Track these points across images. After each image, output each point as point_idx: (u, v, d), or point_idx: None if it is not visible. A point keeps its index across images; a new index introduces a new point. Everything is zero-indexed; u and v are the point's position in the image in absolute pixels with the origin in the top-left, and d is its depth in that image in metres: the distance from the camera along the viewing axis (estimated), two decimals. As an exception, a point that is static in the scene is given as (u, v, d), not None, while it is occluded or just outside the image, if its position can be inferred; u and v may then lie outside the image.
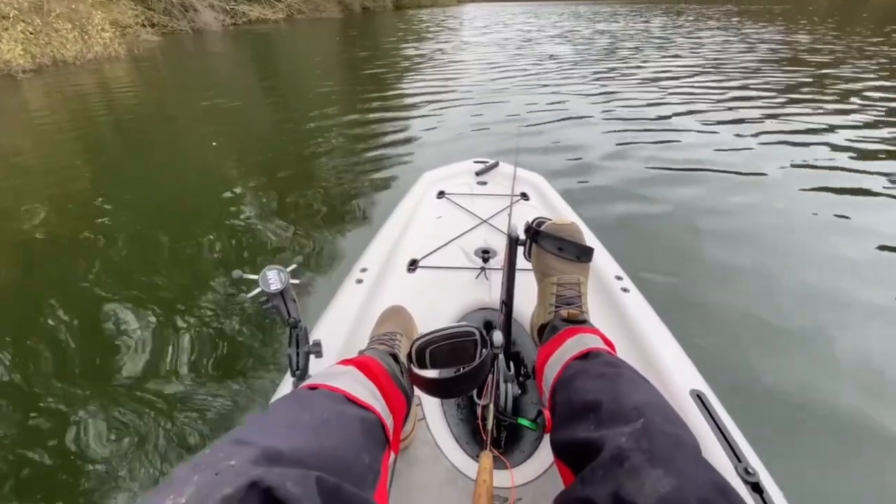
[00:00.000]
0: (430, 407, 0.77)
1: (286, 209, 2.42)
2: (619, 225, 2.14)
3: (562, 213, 1.32)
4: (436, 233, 1.25)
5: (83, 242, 2.14)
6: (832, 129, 3.49)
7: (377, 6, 32.46)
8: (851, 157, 2.92)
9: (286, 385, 0.78)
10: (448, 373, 0.57)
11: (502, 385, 0.74)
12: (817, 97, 4.50)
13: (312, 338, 0.76)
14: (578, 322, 0.70)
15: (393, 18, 22.91)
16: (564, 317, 0.71)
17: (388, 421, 0.54)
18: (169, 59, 9.70)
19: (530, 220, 0.81)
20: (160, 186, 2.87)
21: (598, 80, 5.69)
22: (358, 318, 0.92)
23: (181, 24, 15.04)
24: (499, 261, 1.12)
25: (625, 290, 0.96)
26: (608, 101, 4.54)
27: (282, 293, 0.71)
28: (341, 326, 0.89)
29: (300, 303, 0.75)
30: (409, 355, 0.59)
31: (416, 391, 0.63)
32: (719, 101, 4.48)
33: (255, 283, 0.70)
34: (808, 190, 2.48)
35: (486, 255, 1.14)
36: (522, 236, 0.80)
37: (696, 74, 5.97)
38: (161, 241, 2.12)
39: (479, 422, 0.74)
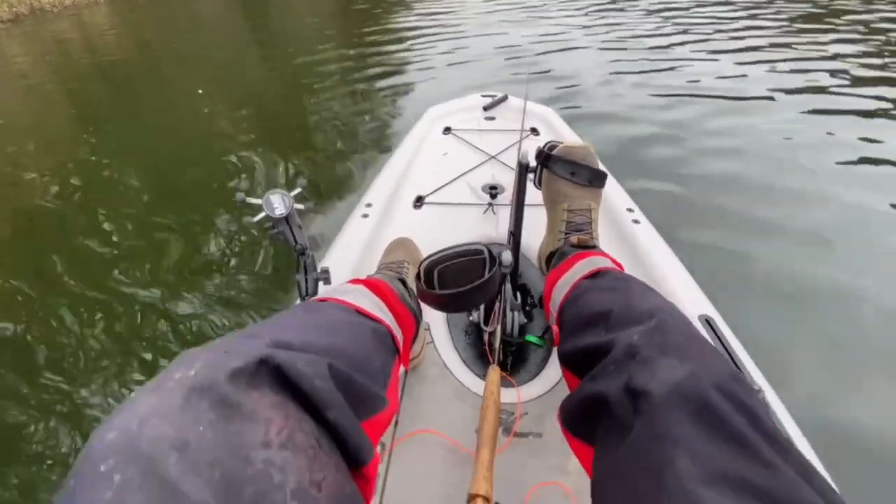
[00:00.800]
0: (438, 332, 0.78)
1: (286, 145, 2.38)
2: (631, 158, 2.08)
3: (573, 148, 1.28)
4: (442, 169, 1.21)
5: (77, 186, 2.13)
6: (836, 57, 3.31)
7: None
8: (853, 83, 2.80)
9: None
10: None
11: (509, 314, 0.74)
12: (825, 27, 4.20)
13: (319, 268, 0.76)
14: (588, 247, 0.68)
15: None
16: (574, 242, 0.69)
17: (398, 334, 0.55)
18: (151, 5, 9.14)
19: (542, 145, 0.77)
20: (151, 131, 2.80)
21: (602, 10, 5.33)
22: (364, 250, 0.92)
23: None
24: (506, 196, 1.10)
25: (636, 221, 0.95)
26: (616, 33, 4.26)
27: (287, 219, 0.69)
28: (348, 258, 0.89)
29: (306, 232, 0.74)
30: (417, 275, 0.59)
31: (425, 317, 0.63)
32: (725, 30, 4.21)
33: (259, 208, 0.69)
34: (811, 112, 2.43)
35: (493, 191, 1.11)
36: (533, 162, 0.77)
37: (701, 5, 5.59)
38: (159, 181, 2.11)
39: (486, 346, 0.76)
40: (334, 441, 0.30)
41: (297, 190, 0.71)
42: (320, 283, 0.76)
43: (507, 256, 0.58)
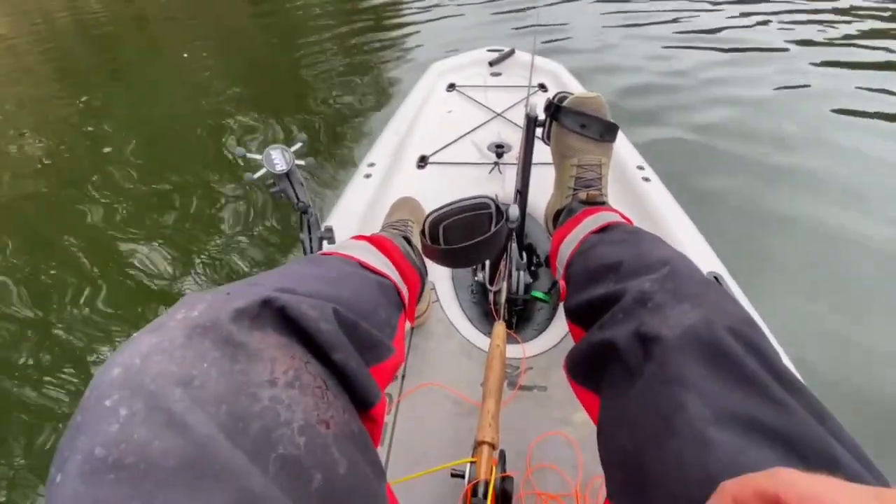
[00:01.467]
0: (443, 290, 0.78)
1: (283, 103, 2.31)
2: (642, 114, 2.01)
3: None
4: (446, 128, 1.18)
5: (66, 152, 2.08)
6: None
7: None
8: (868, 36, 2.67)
9: None
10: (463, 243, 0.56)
11: (514, 273, 0.73)
12: None
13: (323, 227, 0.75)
14: (597, 203, 0.67)
15: None
16: (583, 199, 0.68)
17: (404, 291, 0.54)
18: None
19: (551, 97, 0.74)
20: (142, 93, 2.72)
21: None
22: (368, 210, 0.91)
23: None
24: (513, 155, 1.07)
25: (646, 179, 0.92)
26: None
27: (288, 175, 0.68)
28: (351, 219, 0.88)
29: (308, 191, 0.73)
30: (422, 231, 0.58)
31: (430, 275, 0.62)
32: None
33: (259, 164, 0.67)
34: (823, 64, 2.34)
35: (499, 149, 1.08)
36: (542, 116, 0.74)
37: None
38: (152, 143, 2.06)
39: (492, 305, 0.75)
40: (341, 383, 0.30)
41: (298, 145, 0.69)
42: (324, 242, 0.76)
43: (514, 211, 0.57)
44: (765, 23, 2.97)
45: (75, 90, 2.82)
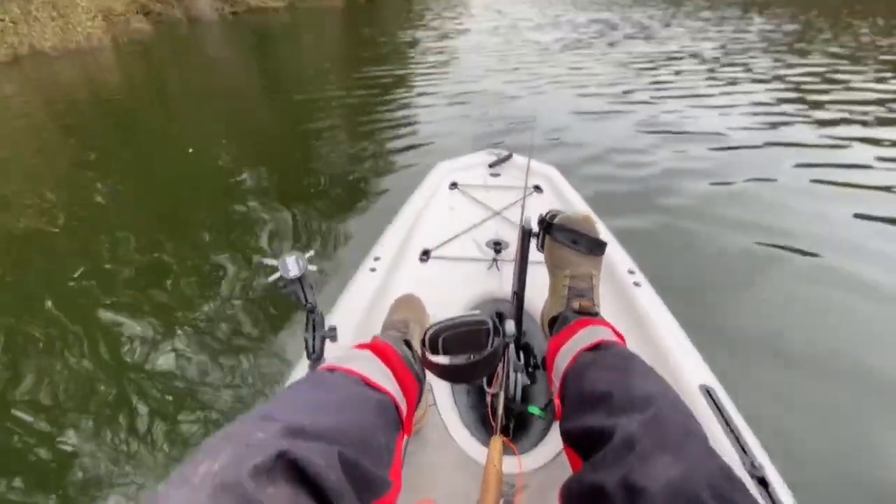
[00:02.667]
0: (440, 393, 0.78)
1: (297, 198, 2.42)
2: (632, 216, 2.13)
3: (575, 206, 1.32)
4: (448, 224, 1.26)
5: (71, 224, 2.14)
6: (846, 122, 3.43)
7: (381, -6, 32.00)
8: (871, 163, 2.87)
9: (302, 367, 0.81)
10: (461, 359, 0.59)
11: (512, 374, 0.75)
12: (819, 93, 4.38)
13: (327, 323, 0.78)
14: (590, 314, 0.70)
15: (399, 6, 22.49)
16: (576, 308, 0.72)
17: (402, 404, 0.56)
18: (158, 49, 9.44)
19: (544, 213, 0.81)
20: (152, 175, 2.81)
21: (612, 71, 5.61)
22: (371, 305, 0.94)
23: (175, 11, 14.91)
24: (510, 253, 1.13)
25: (636, 283, 0.97)
26: (619, 92, 4.47)
27: (300, 279, 0.73)
28: (355, 313, 0.91)
29: (316, 287, 0.77)
30: (423, 341, 0.61)
31: (428, 377, 0.64)
32: (727, 90, 4.40)
33: (274, 269, 0.72)
34: (821, 182, 2.46)
35: (497, 246, 1.15)
36: (536, 228, 0.81)
37: (702, 63, 5.91)
38: (166, 234, 2.08)
39: (489, 409, 0.76)
40: None
41: (311, 252, 0.74)
42: (327, 341, 0.79)
43: (509, 327, 0.60)
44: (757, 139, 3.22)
45: (87, 168, 2.95)
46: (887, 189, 2.40)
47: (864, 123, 3.42)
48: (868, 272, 1.68)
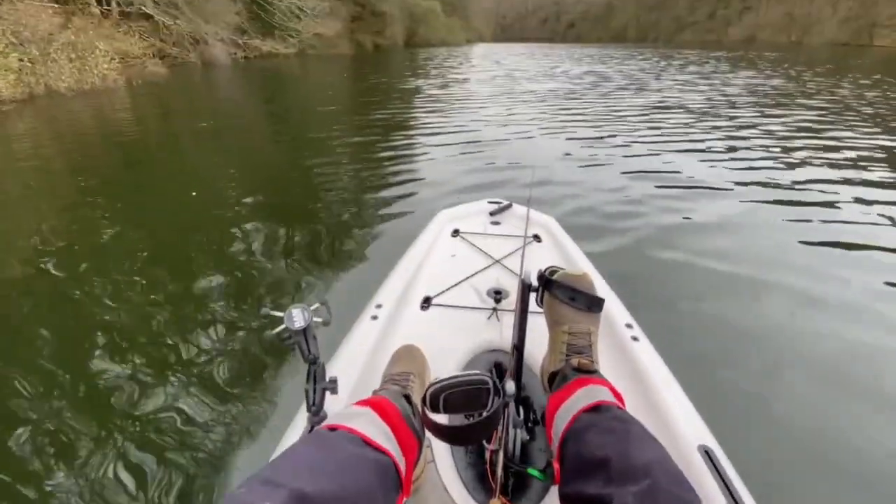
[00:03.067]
0: (439, 450, 0.78)
1: (300, 241, 2.44)
2: (630, 268, 2.16)
3: (573, 257, 1.35)
4: (450, 271, 1.28)
5: (75, 275, 2.11)
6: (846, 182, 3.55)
7: (388, 44, 34.01)
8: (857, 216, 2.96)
9: (301, 419, 0.80)
10: (460, 419, 0.59)
11: (511, 430, 0.75)
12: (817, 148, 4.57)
13: (329, 372, 0.79)
14: (589, 372, 0.72)
15: (403, 56, 23.60)
16: (575, 366, 0.73)
17: (402, 464, 0.56)
18: (171, 91, 9.71)
19: (543, 269, 0.84)
20: (160, 220, 2.80)
21: (606, 122, 5.86)
22: (372, 354, 0.95)
23: (191, 56, 15.64)
24: (510, 302, 1.15)
25: (634, 338, 0.98)
26: (612, 142, 4.66)
27: (304, 331, 0.74)
28: (356, 363, 0.92)
29: (319, 335, 0.78)
30: (423, 399, 0.61)
31: (427, 434, 0.65)
32: (720, 146, 4.57)
33: (279, 320, 0.74)
34: (817, 244, 2.48)
35: (498, 295, 1.17)
36: (535, 283, 0.83)
37: (696, 114, 6.20)
38: (167, 279, 2.06)
39: (488, 467, 0.75)
40: None
41: (316, 305, 0.76)
42: (327, 393, 0.79)
43: (510, 387, 0.61)
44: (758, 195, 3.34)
45: (95, 206, 2.98)
46: (878, 237, 2.49)
47: (854, 166, 3.57)
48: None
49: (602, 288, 1.19)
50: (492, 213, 1.59)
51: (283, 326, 0.73)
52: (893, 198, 3.07)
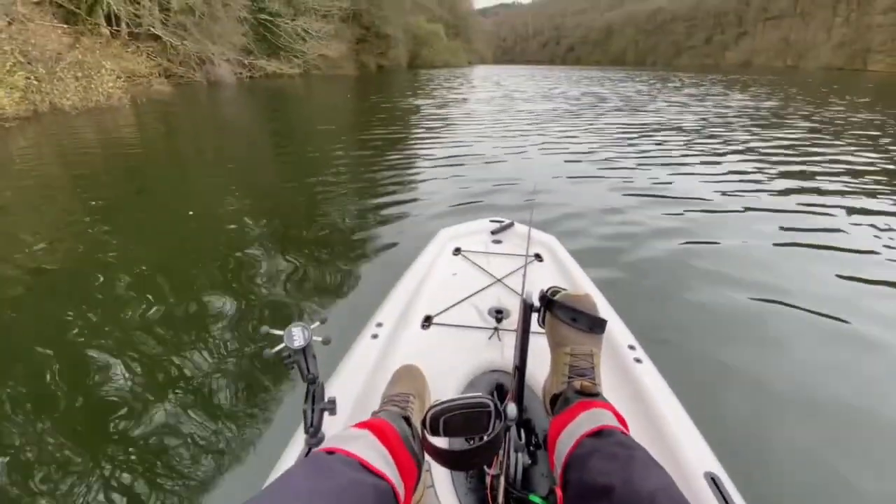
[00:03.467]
0: (439, 475, 0.76)
1: (301, 257, 2.43)
2: (632, 288, 2.15)
3: (574, 276, 1.35)
4: (451, 289, 1.27)
5: (74, 290, 2.10)
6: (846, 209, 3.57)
7: (392, 65, 34.85)
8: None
9: (298, 440, 0.79)
10: (461, 443, 0.58)
11: (513, 454, 0.73)
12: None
13: (328, 392, 0.77)
14: (591, 395, 0.70)
15: (406, 77, 24.04)
16: (577, 388, 0.72)
17: (400, 489, 0.55)
18: (175, 110, 9.80)
19: (545, 289, 0.83)
20: (161, 237, 2.79)
21: (604, 141, 5.93)
22: (372, 374, 0.94)
23: (196, 75, 15.95)
24: (512, 322, 1.14)
25: (638, 360, 0.97)
26: (614, 163, 4.70)
27: (304, 350, 0.73)
28: (356, 382, 0.91)
29: (319, 354, 0.77)
30: (423, 422, 0.60)
31: (427, 457, 0.63)
32: (721, 167, 4.61)
33: (279, 339, 0.73)
34: (825, 269, 2.45)
35: (499, 315, 1.16)
36: (537, 303, 0.83)
37: (690, 133, 6.31)
38: (166, 297, 2.03)
39: (489, 492, 0.73)
40: None
41: (317, 323, 0.75)
42: (326, 414, 0.77)
43: (511, 410, 0.60)
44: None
45: (94, 223, 2.97)
46: (871, 252, 2.52)
47: (842, 193, 3.60)
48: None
49: (604, 308, 1.18)
50: (493, 232, 1.60)
51: (282, 345, 0.73)
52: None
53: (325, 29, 23.21)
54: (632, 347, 1.01)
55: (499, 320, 1.14)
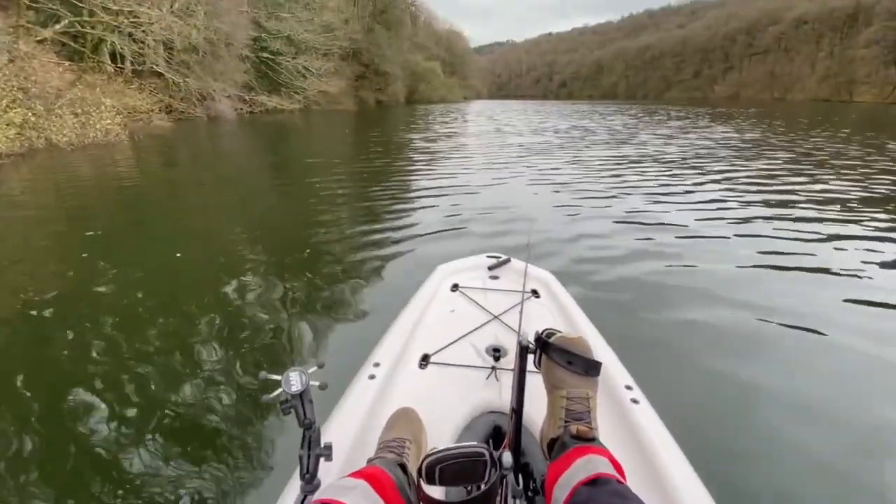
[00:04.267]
0: (436, 522, 0.75)
1: (296, 301, 2.38)
2: (628, 325, 2.12)
3: (571, 313, 1.36)
4: (449, 327, 1.28)
5: (64, 327, 2.07)
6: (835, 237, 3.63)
7: (390, 101, 35.94)
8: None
9: (294, 487, 0.77)
10: (457, 492, 0.58)
11: (510, 502, 0.73)
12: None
13: (324, 435, 0.77)
14: (588, 440, 0.70)
15: (404, 112, 24.71)
16: (574, 433, 0.72)
17: None
18: (173, 145, 9.86)
19: (540, 331, 0.84)
20: (153, 278, 2.72)
21: (602, 173, 6.06)
22: (368, 417, 0.93)
23: (197, 111, 16.29)
24: (509, 361, 1.14)
25: (634, 401, 0.97)
26: (614, 196, 4.79)
27: (301, 395, 0.73)
28: (353, 426, 0.90)
29: (316, 396, 0.77)
30: (419, 471, 0.60)
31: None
32: (711, 196, 4.70)
33: (276, 384, 0.73)
34: (829, 298, 2.46)
35: (496, 353, 1.16)
36: (532, 345, 0.84)
37: (671, 164, 6.51)
38: (159, 335, 2.01)
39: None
40: None
41: (314, 368, 0.76)
42: (322, 459, 0.77)
43: (507, 459, 0.60)
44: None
45: (87, 247, 3.01)
46: (861, 274, 2.55)
47: (833, 220, 3.67)
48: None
49: (600, 347, 1.18)
50: (490, 268, 1.61)
51: (280, 390, 0.73)
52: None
53: (325, 66, 24.04)
54: (629, 388, 1.01)
55: (496, 359, 1.14)
